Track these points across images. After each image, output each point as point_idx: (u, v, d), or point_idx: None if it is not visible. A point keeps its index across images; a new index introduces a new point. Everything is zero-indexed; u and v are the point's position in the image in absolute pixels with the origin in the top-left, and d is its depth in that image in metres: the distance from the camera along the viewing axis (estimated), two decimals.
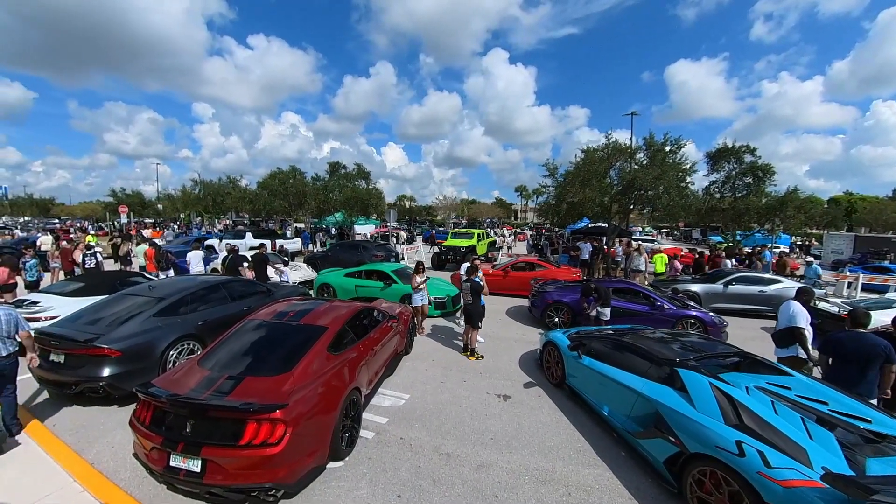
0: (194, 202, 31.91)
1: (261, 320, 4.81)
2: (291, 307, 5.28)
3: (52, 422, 4.81)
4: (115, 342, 4.99)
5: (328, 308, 5.28)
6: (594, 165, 17.01)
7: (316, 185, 22.18)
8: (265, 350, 4.27)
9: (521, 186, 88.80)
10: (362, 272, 10.90)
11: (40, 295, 7.33)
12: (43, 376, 5.11)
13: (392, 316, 6.45)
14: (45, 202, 64.06)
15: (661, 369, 4.49)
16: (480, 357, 7.32)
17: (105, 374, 4.85)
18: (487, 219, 66.10)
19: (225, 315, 6.56)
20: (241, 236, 18.90)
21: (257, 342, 4.40)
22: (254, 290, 7.63)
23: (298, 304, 5.46)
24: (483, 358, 7.30)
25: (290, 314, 4.89)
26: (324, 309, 5.20)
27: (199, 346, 5.98)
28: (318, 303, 5.54)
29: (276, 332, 4.60)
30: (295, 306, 5.33)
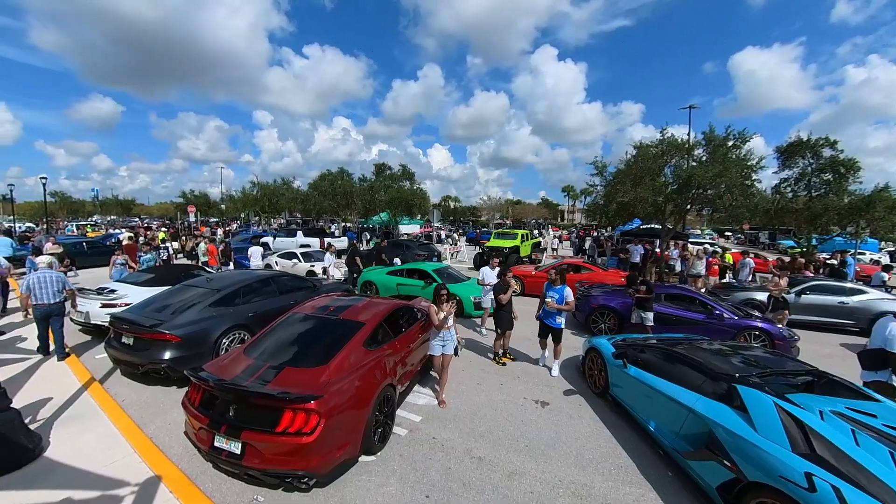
0: (252, 202, 34.24)
1: (304, 314, 4.99)
2: (333, 302, 5.44)
3: (122, 398, 5.30)
4: (175, 328, 5.41)
5: (367, 304, 5.38)
6: (647, 162, 16.03)
7: (362, 185, 22.91)
8: (305, 342, 4.43)
9: (568, 186, 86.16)
10: (404, 271, 11.06)
11: (117, 284, 8.12)
12: (116, 357, 5.66)
13: None
14: (127, 203, 71.49)
15: (717, 384, 4.10)
16: (511, 359, 7.16)
17: (166, 358, 5.27)
18: (533, 219, 64.73)
19: (273, 308, 6.89)
20: (293, 235, 19.96)
21: (299, 334, 4.58)
22: (301, 285, 7.98)
23: (339, 300, 5.61)
24: (513, 360, 7.18)
25: (331, 309, 5.04)
26: (363, 305, 5.31)
27: (249, 336, 6.32)
28: (358, 299, 5.67)
29: (316, 326, 4.75)
30: (336, 301, 5.49)
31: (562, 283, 6.62)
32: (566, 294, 6.44)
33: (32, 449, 3.82)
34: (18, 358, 6.46)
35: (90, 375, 5.79)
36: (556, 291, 6.55)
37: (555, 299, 6.49)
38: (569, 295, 6.45)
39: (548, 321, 6.62)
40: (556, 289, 6.57)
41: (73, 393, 5.25)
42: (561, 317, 6.54)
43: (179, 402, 4.99)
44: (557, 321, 6.54)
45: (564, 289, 6.49)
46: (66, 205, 62.47)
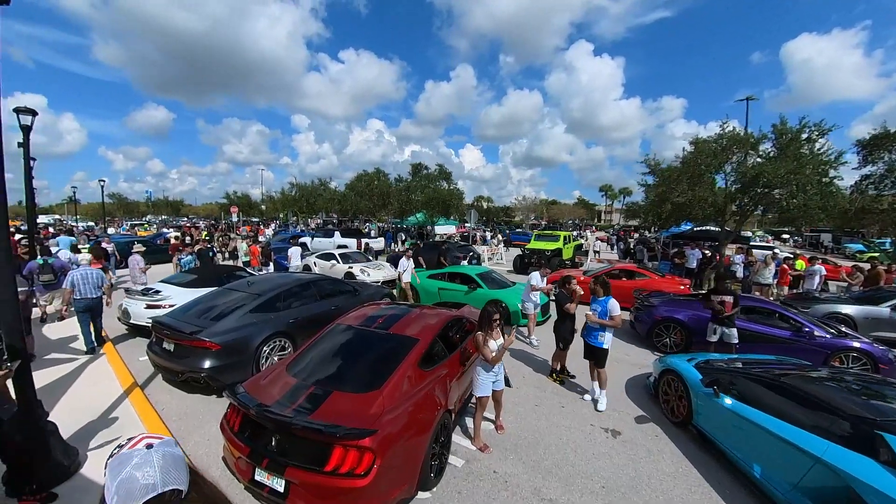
0: (291, 203, 35.06)
1: (349, 325, 4.55)
2: (381, 312, 4.97)
3: (162, 406, 5.08)
4: (214, 336, 5.14)
5: (418, 316, 4.89)
6: (706, 159, 14.75)
7: (398, 185, 22.71)
8: (353, 360, 3.98)
9: (606, 186, 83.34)
10: (445, 274, 10.55)
11: (161, 285, 8.09)
12: (157, 362, 5.48)
13: None
14: (176, 203, 75.86)
15: (850, 429, 3.30)
16: (570, 377, 6.43)
17: (206, 366, 5.01)
18: (570, 220, 62.75)
19: (315, 313, 6.58)
20: (331, 235, 19.97)
21: (345, 350, 4.14)
22: (341, 289, 7.64)
23: (387, 310, 5.13)
24: (572, 378, 6.44)
25: (380, 320, 4.57)
26: (414, 317, 4.82)
27: (290, 344, 6.02)
28: (407, 309, 5.17)
29: (364, 341, 4.29)
30: (384, 311, 5.02)
31: (605, 294, 5.61)
32: (610, 307, 5.43)
33: (68, 466, 3.59)
34: (67, 358, 6.46)
35: (132, 380, 5.64)
36: (598, 304, 5.65)
37: (596, 312, 5.62)
38: (613, 308, 5.41)
39: (589, 339, 5.70)
40: (598, 300, 5.66)
41: (114, 399, 5.08)
42: (605, 334, 5.56)
43: (219, 415, 4.72)
44: (600, 339, 5.57)
45: (608, 301, 5.48)
46: (123, 206, 66.89)
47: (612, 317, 5.43)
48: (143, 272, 9.86)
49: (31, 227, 10.17)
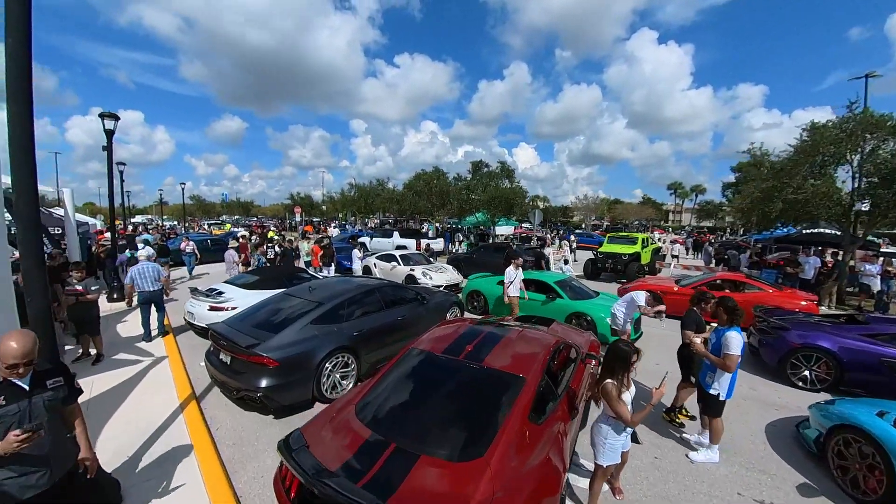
0: (350, 203, 35.68)
1: (429, 352, 3.61)
2: (466, 334, 3.93)
3: (217, 424, 4.55)
4: (272, 350, 4.51)
5: (512, 340, 3.83)
6: (828, 147, 12.21)
7: (458, 184, 21.89)
8: (441, 407, 3.04)
9: (675, 183, 76.68)
10: None
11: (224, 286, 7.85)
12: (213, 374, 4.99)
13: (589, 354, 4.73)
14: (247, 204, 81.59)
15: None
16: (688, 417, 5.06)
17: (262, 385, 4.38)
18: (636, 220, 58.35)
19: (380, 324, 5.85)
20: (389, 235, 19.60)
21: (429, 390, 3.22)
22: (407, 297, 6.85)
23: (473, 331, 4.05)
24: (691, 419, 5.03)
25: (468, 348, 3.56)
26: (508, 341, 3.78)
27: (353, 359, 5.30)
28: (496, 330, 4.12)
29: (452, 377, 3.33)
30: (470, 333, 3.97)
31: (730, 323, 4.10)
32: (725, 342, 3.91)
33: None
34: (133, 359, 6.28)
35: (190, 390, 5.21)
36: (714, 334, 4.24)
37: (709, 343, 4.23)
38: (729, 343, 3.88)
39: (702, 381, 4.29)
40: (718, 329, 4.20)
41: (168, 414, 4.62)
42: (715, 375, 4.08)
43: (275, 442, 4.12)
44: (708, 381, 4.15)
45: (728, 333, 3.96)
46: (201, 207, 73.15)
47: (726, 355, 3.92)
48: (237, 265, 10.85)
49: (113, 225, 10.61)
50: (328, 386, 4.98)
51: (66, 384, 2.41)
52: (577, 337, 5.47)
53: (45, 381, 2.28)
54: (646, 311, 6.76)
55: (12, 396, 2.11)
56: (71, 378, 2.47)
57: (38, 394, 2.21)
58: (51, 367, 2.38)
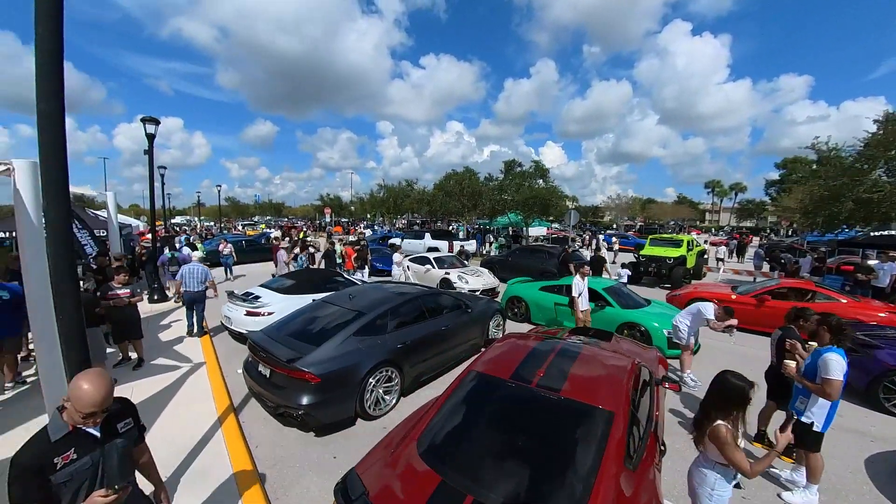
0: (379, 204, 35.75)
1: (495, 377, 3.12)
2: (534, 356, 3.41)
3: (256, 442, 4.26)
4: (314, 365, 4.17)
5: (588, 361, 3.33)
6: None
7: (490, 184, 21.35)
8: (520, 448, 2.56)
9: (713, 182, 73.11)
10: (563, 287, 8.84)
11: (261, 290, 7.67)
12: (252, 387, 4.72)
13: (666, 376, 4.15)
14: (278, 205, 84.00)
15: None
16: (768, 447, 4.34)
17: (303, 403, 4.05)
18: (671, 221, 55.86)
19: (424, 335, 5.45)
20: (421, 236, 19.27)
21: (502, 426, 2.73)
22: (450, 304, 6.42)
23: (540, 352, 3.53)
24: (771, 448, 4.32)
25: (539, 373, 3.05)
26: (583, 362, 3.27)
27: (397, 373, 4.92)
28: (567, 349, 3.60)
29: (527, 410, 2.82)
30: (538, 355, 3.45)
31: (832, 343, 3.50)
32: (828, 364, 3.31)
33: None
34: (172, 365, 6.15)
35: (228, 401, 4.96)
36: (811, 355, 3.60)
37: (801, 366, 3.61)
38: (827, 367, 3.30)
39: (791, 405, 3.71)
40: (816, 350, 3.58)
41: (207, 428, 4.37)
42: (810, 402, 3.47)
43: (319, 463, 3.92)
44: (799, 406, 3.55)
45: (828, 354, 3.36)
46: (236, 208, 75.72)
47: (823, 378, 3.31)
48: (287, 264, 10.94)
49: (153, 227, 10.74)
50: (371, 402, 4.62)
51: (135, 424, 2.07)
52: (644, 353, 4.87)
53: (116, 424, 1.94)
54: (714, 325, 6.06)
55: (84, 447, 1.77)
56: (137, 414, 2.13)
57: (110, 441, 1.87)
58: (118, 407, 1.99)
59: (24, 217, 3.38)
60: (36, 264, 3.38)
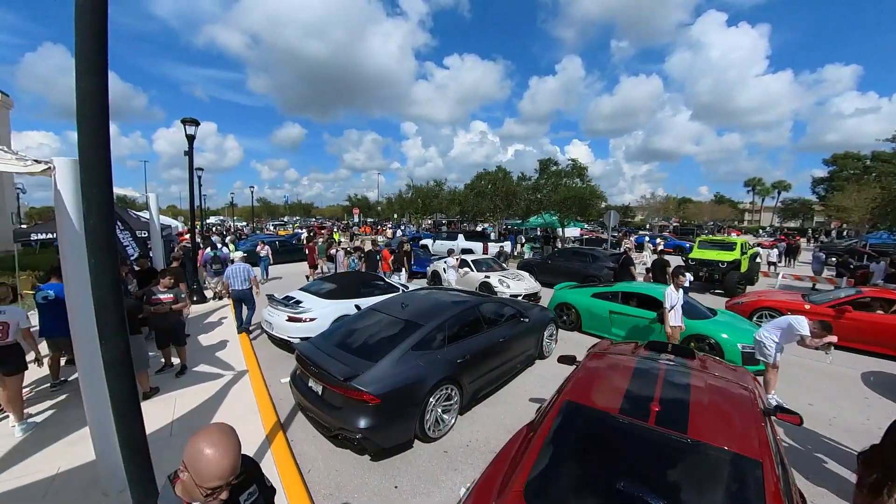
0: (407, 204, 35.56)
1: (601, 412, 2.60)
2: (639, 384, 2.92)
3: (308, 464, 3.88)
4: (373, 384, 3.74)
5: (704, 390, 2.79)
6: None
7: (525, 184, 20.65)
8: None
9: (754, 180, 69.40)
10: (619, 294, 8.17)
11: (302, 294, 7.39)
12: (302, 403, 4.34)
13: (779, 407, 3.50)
14: (307, 206, 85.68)
15: None
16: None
17: (360, 426, 3.63)
18: (710, 221, 53.29)
19: (482, 348, 4.97)
20: (454, 237, 18.79)
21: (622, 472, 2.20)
22: (505, 313, 5.91)
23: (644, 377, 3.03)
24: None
25: (654, 408, 2.51)
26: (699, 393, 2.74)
27: (456, 391, 4.46)
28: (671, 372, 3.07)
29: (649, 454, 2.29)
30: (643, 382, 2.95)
31: None
32: None
33: None
34: (214, 373, 5.90)
35: (275, 418, 4.62)
36: None
37: None
38: None
39: None
40: None
41: (256, 447, 4.03)
42: None
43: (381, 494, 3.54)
44: None
45: None
46: (267, 209, 77.69)
47: None
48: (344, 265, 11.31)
49: (193, 227, 10.73)
50: (430, 423, 4.17)
51: (260, 491, 1.63)
52: (741, 376, 4.22)
53: (239, 496, 1.50)
54: (810, 342, 5.30)
55: None
56: (262, 476, 1.69)
57: None
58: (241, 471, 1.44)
59: (64, 218, 3.12)
60: (76, 267, 3.12)
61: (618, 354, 3.96)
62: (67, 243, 3.18)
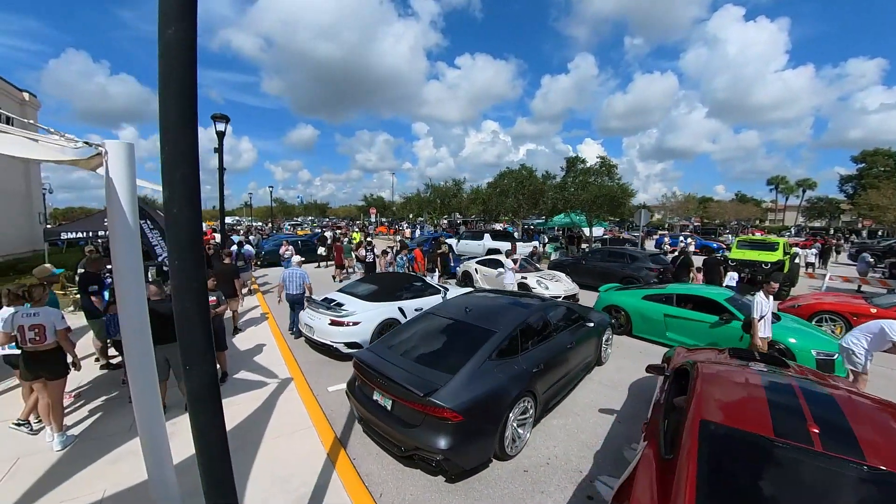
0: (426, 204, 35.20)
1: (749, 433, 2.19)
2: (778, 397, 2.57)
3: (378, 489, 3.48)
4: (454, 399, 3.33)
5: (847, 402, 2.47)
6: None
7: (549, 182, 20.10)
8: None
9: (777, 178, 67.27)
10: (673, 296, 7.67)
11: (342, 295, 7.04)
12: (366, 417, 3.95)
13: None
14: (322, 206, 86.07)
15: None
16: None
17: (442, 446, 3.23)
18: (735, 221, 51.87)
19: (553, 355, 4.55)
20: (479, 237, 18.37)
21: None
22: (571, 317, 5.49)
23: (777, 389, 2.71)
24: None
25: (812, 428, 2.13)
26: (847, 405, 2.42)
27: (532, 404, 4.05)
28: (806, 384, 2.66)
29: (821, 483, 1.92)
30: (780, 394, 2.62)
31: None
32: None
33: None
34: (257, 381, 5.57)
35: (333, 433, 4.24)
36: None
37: None
38: None
39: None
40: None
41: (319, 470, 3.64)
42: None
43: None
44: None
45: None
46: (283, 209, 78.24)
47: None
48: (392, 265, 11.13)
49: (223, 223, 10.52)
50: (509, 439, 3.77)
51: None
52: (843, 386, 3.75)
53: None
54: None
55: None
56: None
57: None
58: None
59: (116, 211, 2.73)
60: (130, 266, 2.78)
61: (723, 364, 3.53)
62: (120, 240, 2.82)
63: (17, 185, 19.95)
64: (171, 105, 1.77)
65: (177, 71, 1.73)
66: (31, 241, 19.49)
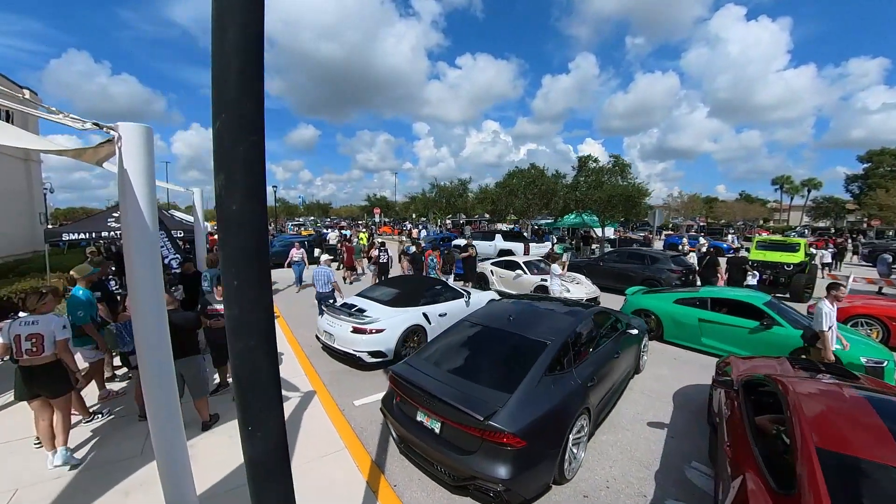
0: (431, 204, 34.77)
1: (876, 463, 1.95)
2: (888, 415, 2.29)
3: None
4: (514, 422, 2.97)
5: None
6: None
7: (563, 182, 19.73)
8: None
9: (782, 178, 67.00)
10: (707, 300, 7.31)
11: (364, 301, 6.65)
12: (407, 439, 3.57)
13: None
14: (325, 206, 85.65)
15: None
16: None
17: (503, 476, 2.88)
18: (741, 221, 51.50)
19: (602, 367, 4.21)
20: (490, 238, 17.99)
21: None
22: (612, 324, 5.13)
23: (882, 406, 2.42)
24: None
25: None
26: None
27: (587, 421, 3.69)
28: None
29: None
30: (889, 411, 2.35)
31: None
32: None
33: None
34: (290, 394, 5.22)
35: (368, 457, 3.88)
36: None
37: None
38: None
39: None
40: None
41: (361, 501, 3.30)
42: None
43: None
44: None
45: None
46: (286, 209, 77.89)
47: None
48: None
49: None
50: (567, 461, 3.41)
51: None
52: None
53: None
54: None
55: None
56: None
57: None
58: None
59: (131, 206, 2.34)
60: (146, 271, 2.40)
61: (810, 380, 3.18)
62: (137, 243, 2.42)
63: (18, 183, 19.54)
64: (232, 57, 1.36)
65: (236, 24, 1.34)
66: (32, 241, 19.08)
